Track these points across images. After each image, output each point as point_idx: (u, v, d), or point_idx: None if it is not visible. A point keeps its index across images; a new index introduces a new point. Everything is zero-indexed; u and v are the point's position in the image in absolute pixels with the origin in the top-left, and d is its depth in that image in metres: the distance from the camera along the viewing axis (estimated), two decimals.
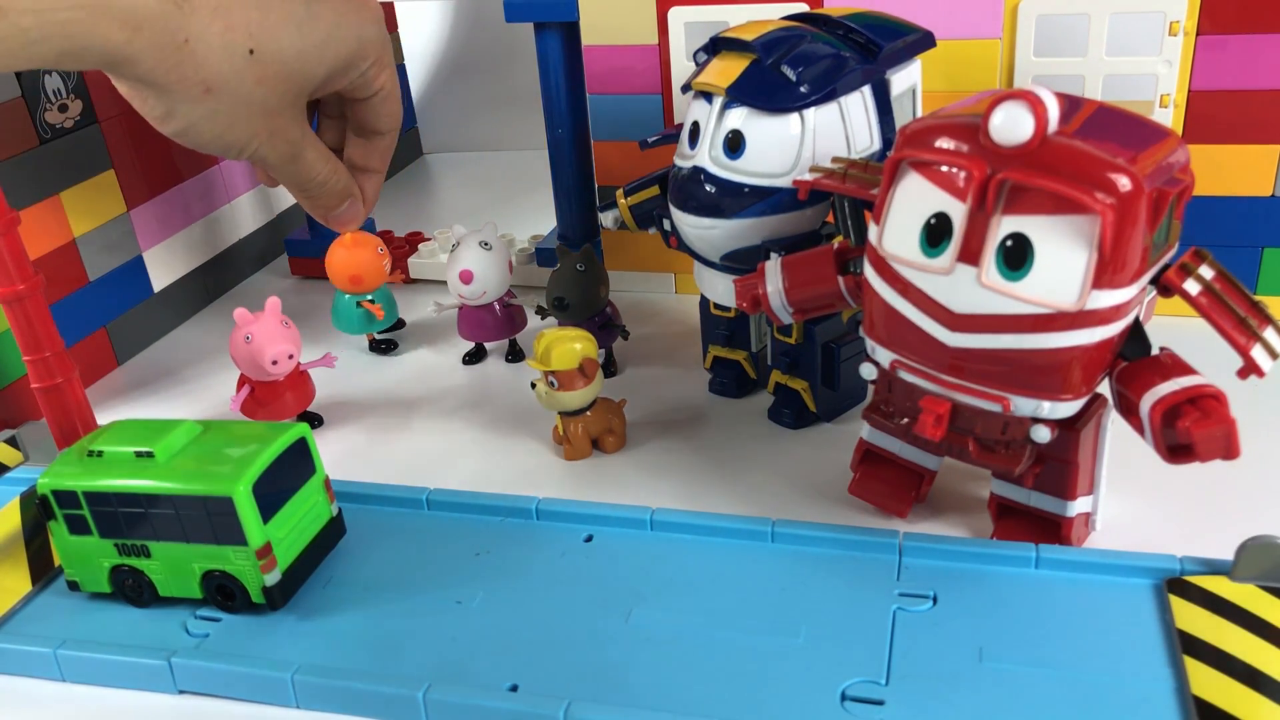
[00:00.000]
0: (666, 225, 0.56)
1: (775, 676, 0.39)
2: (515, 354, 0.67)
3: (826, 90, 0.49)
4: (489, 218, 0.67)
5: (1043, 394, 0.39)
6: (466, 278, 0.62)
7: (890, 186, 0.40)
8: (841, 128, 0.50)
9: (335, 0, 0.44)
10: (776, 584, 0.44)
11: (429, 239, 0.81)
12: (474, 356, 0.67)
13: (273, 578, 0.44)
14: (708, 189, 0.51)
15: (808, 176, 0.47)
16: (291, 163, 0.46)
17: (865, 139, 0.51)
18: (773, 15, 0.59)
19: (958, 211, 0.38)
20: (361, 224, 0.54)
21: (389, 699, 0.40)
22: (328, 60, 0.44)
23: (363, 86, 0.47)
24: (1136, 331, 0.39)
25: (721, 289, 0.55)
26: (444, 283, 0.76)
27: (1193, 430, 0.36)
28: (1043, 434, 0.40)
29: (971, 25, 0.60)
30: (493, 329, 0.65)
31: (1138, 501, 0.47)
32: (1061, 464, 0.43)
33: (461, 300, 0.64)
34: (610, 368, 0.64)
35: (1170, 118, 0.59)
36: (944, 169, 0.38)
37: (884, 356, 0.43)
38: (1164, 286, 0.39)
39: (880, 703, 0.38)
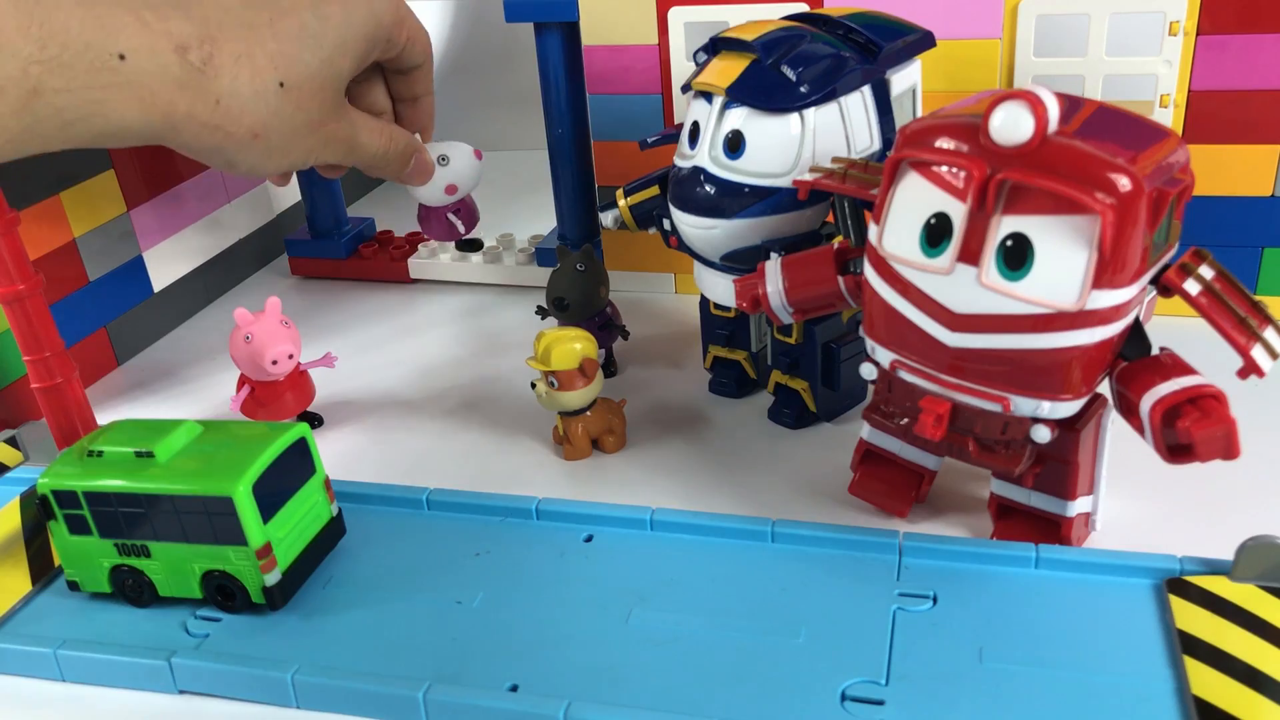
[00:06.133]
0: (666, 225, 0.56)
1: (775, 676, 0.39)
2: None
3: (826, 90, 0.49)
4: (489, 217, 0.66)
5: (1043, 394, 0.39)
6: (452, 191, 0.57)
7: (890, 186, 0.40)
8: (841, 128, 0.50)
9: None
10: (776, 584, 0.44)
11: (428, 239, 0.81)
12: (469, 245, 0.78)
13: (273, 578, 0.44)
14: (708, 189, 0.51)
15: (808, 176, 0.47)
16: (351, 154, 0.47)
17: (865, 139, 0.51)
18: (773, 15, 0.59)
19: (958, 211, 0.38)
20: (430, 176, 0.54)
21: (389, 699, 0.40)
22: (351, 52, 0.44)
23: (392, 51, 0.47)
24: (1136, 331, 0.39)
25: (721, 289, 0.55)
26: (447, 282, 0.77)
27: (1193, 430, 0.36)
28: (1043, 434, 0.40)
29: (971, 25, 0.60)
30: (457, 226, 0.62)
31: (1138, 501, 0.47)
32: (1061, 464, 0.43)
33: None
34: (610, 368, 0.64)
35: (1170, 118, 0.59)
36: (944, 169, 0.38)
37: (884, 356, 0.43)
38: (1164, 286, 0.39)
39: (880, 703, 0.38)
